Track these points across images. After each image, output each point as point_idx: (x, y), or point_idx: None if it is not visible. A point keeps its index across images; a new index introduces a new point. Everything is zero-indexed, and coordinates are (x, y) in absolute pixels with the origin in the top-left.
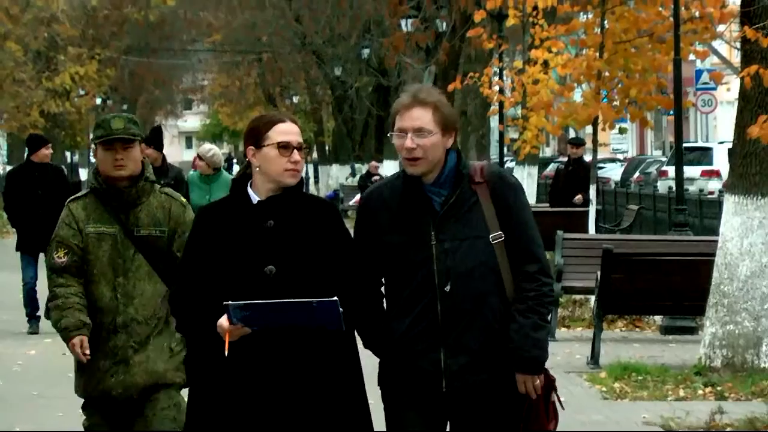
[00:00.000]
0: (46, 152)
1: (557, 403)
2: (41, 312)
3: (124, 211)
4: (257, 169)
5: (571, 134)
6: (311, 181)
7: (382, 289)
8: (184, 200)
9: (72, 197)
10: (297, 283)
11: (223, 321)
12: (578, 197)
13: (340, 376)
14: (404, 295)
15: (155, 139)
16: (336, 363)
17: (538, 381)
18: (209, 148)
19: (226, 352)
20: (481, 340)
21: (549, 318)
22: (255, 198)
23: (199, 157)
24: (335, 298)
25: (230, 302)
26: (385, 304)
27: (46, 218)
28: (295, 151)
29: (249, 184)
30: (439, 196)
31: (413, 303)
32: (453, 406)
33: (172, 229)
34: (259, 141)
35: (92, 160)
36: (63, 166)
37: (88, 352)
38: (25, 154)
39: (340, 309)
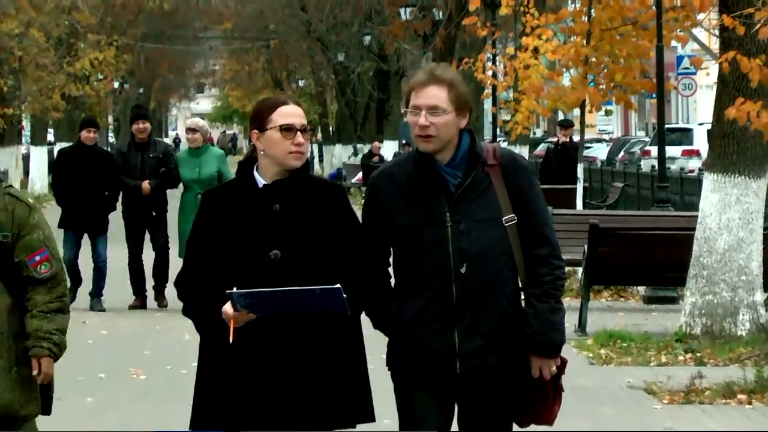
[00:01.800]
0: (87, 135)
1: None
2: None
3: None
4: (262, 152)
5: (560, 116)
6: (315, 160)
7: (390, 270)
8: (31, 201)
9: None
10: (302, 267)
11: (228, 308)
12: None
13: (343, 362)
14: (417, 276)
15: (143, 114)
16: (340, 348)
17: (554, 365)
18: (197, 120)
19: (231, 339)
20: (496, 323)
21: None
22: (261, 181)
23: (193, 130)
24: (338, 285)
25: (233, 290)
26: (393, 285)
27: (89, 199)
28: (299, 133)
29: (255, 168)
30: (454, 177)
31: (427, 284)
32: (464, 387)
33: (14, 233)
34: (263, 124)
35: (110, 140)
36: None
37: None
38: (53, 137)
39: (344, 295)
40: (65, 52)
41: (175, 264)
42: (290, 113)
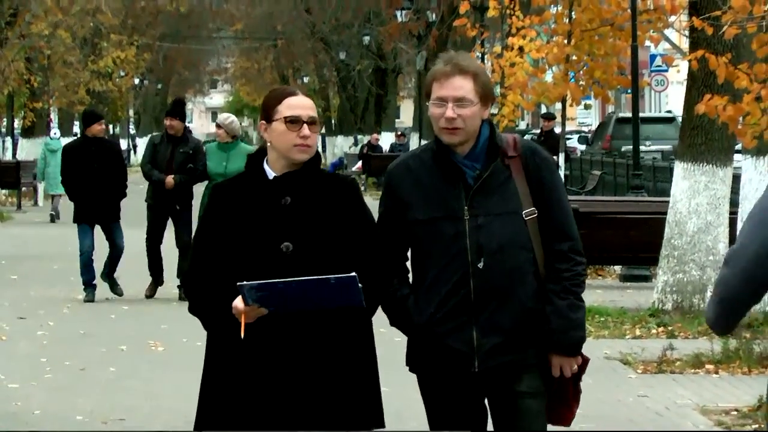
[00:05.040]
0: (99, 128)
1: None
2: (97, 281)
3: None
4: (269, 144)
5: (543, 110)
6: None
7: (408, 264)
8: None
9: None
10: (314, 260)
11: (238, 302)
12: None
13: (353, 360)
14: (434, 271)
15: (178, 111)
16: (350, 346)
17: (575, 364)
18: (227, 116)
19: (242, 334)
20: (515, 320)
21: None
22: (271, 174)
23: (218, 125)
24: (353, 273)
25: (244, 282)
26: (411, 281)
27: (101, 191)
28: (305, 125)
29: (265, 160)
30: (472, 169)
31: (444, 280)
32: (485, 385)
33: None
34: (270, 115)
35: (131, 131)
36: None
37: None
38: (79, 129)
39: (359, 285)
40: (90, 51)
41: None
42: (297, 105)
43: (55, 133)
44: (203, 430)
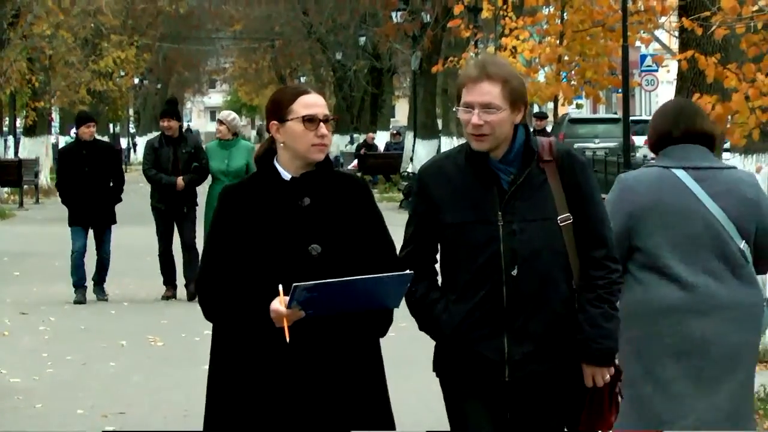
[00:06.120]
0: (86, 130)
1: (619, 395)
2: (88, 282)
3: None
4: (282, 144)
5: (536, 109)
6: None
7: (437, 267)
8: None
9: None
10: (344, 261)
11: (278, 305)
12: None
13: (361, 363)
14: (466, 277)
15: (173, 111)
16: (358, 349)
17: (608, 374)
18: (229, 112)
19: (288, 338)
20: (547, 328)
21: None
22: (286, 175)
23: (220, 121)
24: (410, 271)
25: (298, 283)
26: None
27: (95, 194)
28: (322, 124)
29: (275, 160)
30: (507, 173)
31: (476, 286)
32: (515, 395)
33: None
34: (283, 115)
35: (131, 130)
36: (108, 141)
37: None
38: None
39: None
40: (91, 51)
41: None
42: (312, 103)
43: (73, 133)
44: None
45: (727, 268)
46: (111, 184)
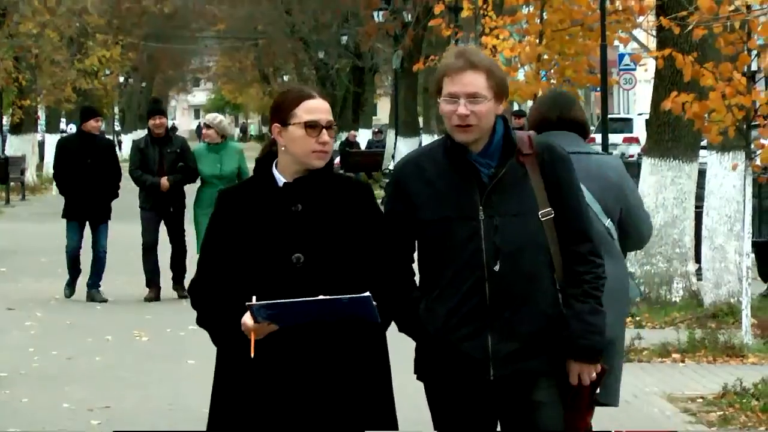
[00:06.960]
0: (95, 124)
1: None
2: (83, 286)
3: None
4: (283, 148)
5: (515, 107)
6: None
7: (414, 266)
8: None
9: None
10: (327, 272)
11: (247, 319)
12: None
13: (366, 371)
14: (447, 274)
15: (160, 109)
16: (363, 356)
17: (594, 371)
18: (215, 115)
19: (252, 353)
20: (532, 325)
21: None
22: (281, 180)
23: (207, 125)
24: (367, 293)
25: (253, 303)
26: (417, 284)
27: (92, 187)
28: (324, 131)
29: (274, 165)
30: (487, 167)
31: (458, 283)
32: (500, 395)
33: None
34: (286, 118)
35: (116, 128)
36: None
37: None
38: (65, 126)
39: (374, 303)
40: (76, 50)
41: (193, 256)
42: (316, 108)
43: (70, 128)
44: None
45: None
46: (109, 181)
